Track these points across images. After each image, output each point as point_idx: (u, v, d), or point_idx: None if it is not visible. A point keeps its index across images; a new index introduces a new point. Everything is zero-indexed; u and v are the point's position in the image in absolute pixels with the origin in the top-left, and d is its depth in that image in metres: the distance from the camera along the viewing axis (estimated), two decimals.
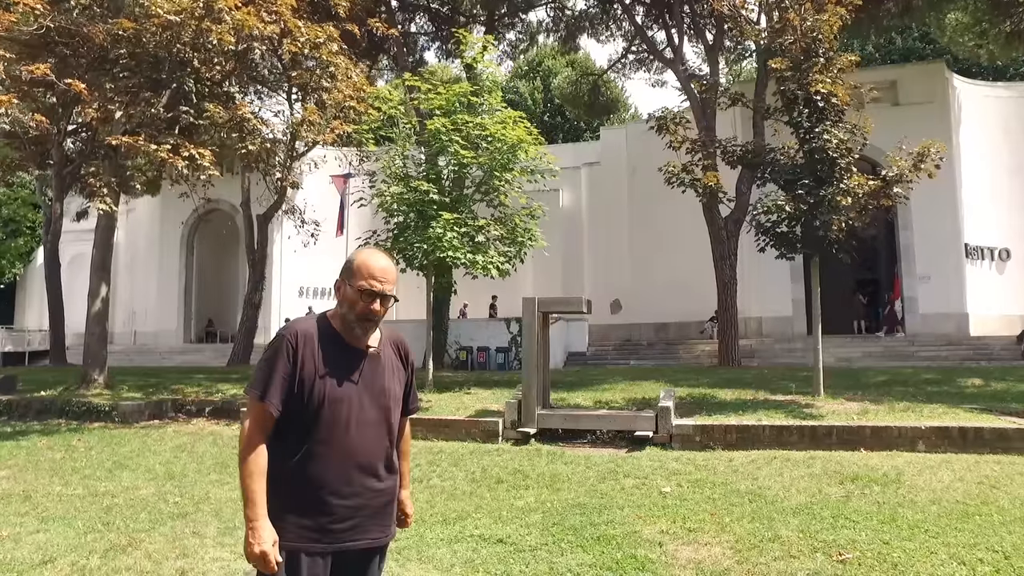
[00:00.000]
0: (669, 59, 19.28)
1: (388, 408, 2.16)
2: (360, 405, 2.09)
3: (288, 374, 2.02)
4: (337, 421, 2.04)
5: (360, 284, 2.08)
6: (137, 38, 9.39)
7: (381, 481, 2.14)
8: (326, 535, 2.03)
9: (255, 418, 2.03)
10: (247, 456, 2.00)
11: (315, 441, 2.03)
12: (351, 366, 2.10)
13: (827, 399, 9.53)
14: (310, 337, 2.07)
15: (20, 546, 4.87)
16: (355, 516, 2.07)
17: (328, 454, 2.04)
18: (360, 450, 2.08)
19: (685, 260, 21.82)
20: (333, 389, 2.05)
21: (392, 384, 2.19)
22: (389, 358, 2.21)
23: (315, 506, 2.02)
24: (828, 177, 9.25)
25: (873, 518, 5.08)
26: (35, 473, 7.41)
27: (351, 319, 2.10)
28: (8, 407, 11.46)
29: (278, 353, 2.05)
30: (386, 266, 2.13)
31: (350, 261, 2.16)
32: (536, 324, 9.37)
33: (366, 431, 2.09)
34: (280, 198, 17.95)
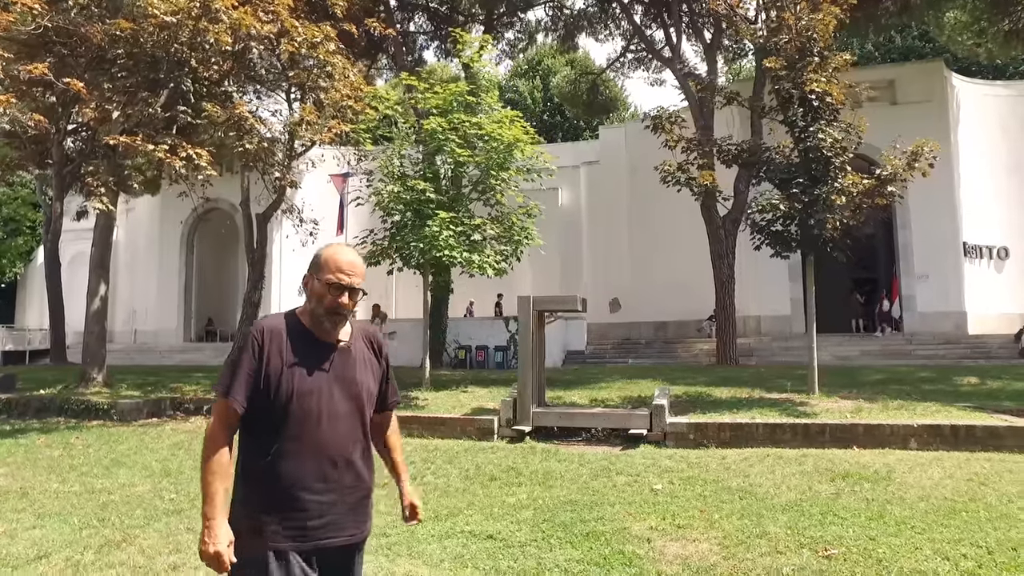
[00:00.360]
0: (667, 58, 19.30)
1: (360, 401, 2.14)
2: (330, 398, 2.07)
3: (253, 370, 2.02)
4: (307, 415, 2.03)
5: (328, 278, 2.08)
6: (135, 38, 9.44)
7: (356, 476, 2.12)
8: (302, 533, 2.00)
9: (219, 416, 2.03)
10: (209, 455, 1.99)
11: (286, 437, 2.01)
12: (320, 360, 2.08)
13: (822, 397, 9.57)
14: (277, 333, 2.07)
15: (16, 541, 4.93)
16: (330, 512, 2.05)
17: (300, 449, 2.01)
18: (332, 444, 2.06)
19: (684, 259, 21.83)
20: (301, 382, 2.03)
21: (364, 377, 2.17)
22: (361, 352, 2.20)
23: (290, 504, 2.00)
24: (823, 176, 9.28)
25: (861, 515, 5.12)
26: (33, 470, 7.47)
27: (320, 313, 2.10)
28: (7, 405, 11.52)
29: (244, 350, 2.05)
30: (353, 260, 2.14)
31: (317, 256, 2.16)
32: (531, 323, 9.41)
33: (338, 424, 2.07)
34: (279, 197, 17.97)
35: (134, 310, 26.70)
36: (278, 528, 1.99)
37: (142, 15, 9.43)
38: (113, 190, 10.89)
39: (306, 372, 2.05)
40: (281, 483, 2.01)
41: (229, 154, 11.44)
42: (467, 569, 4.18)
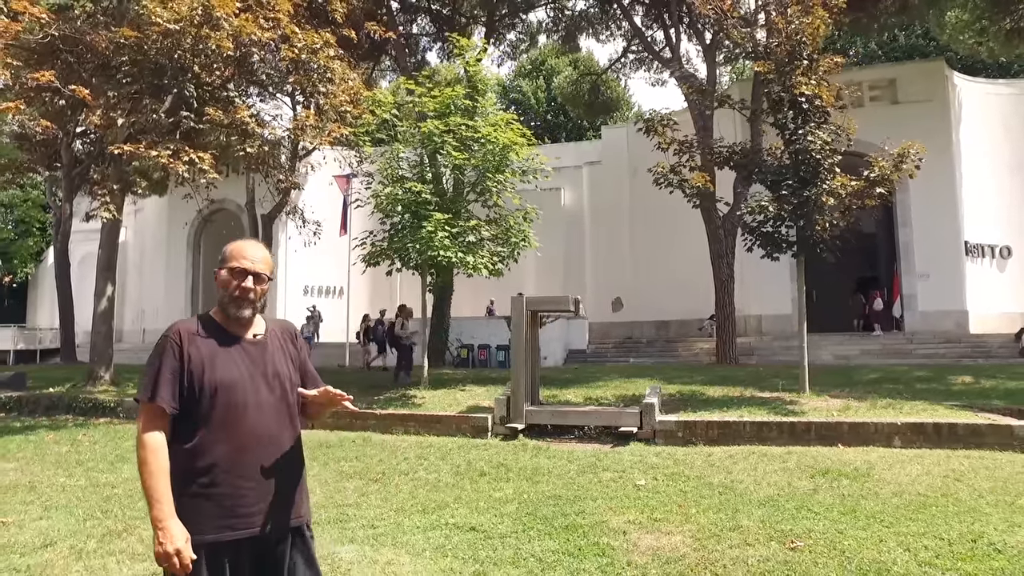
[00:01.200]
0: (667, 59, 19.43)
1: (285, 391, 2.18)
2: (255, 389, 2.12)
3: (176, 371, 2.06)
4: (233, 406, 2.07)
5: (231, 264, 2.16)
6: (139, 45, 9.69)
7: (287, 461, 2.16)
8: (240, 521, 2.04)
9: (148, 419, 2.05)
10: (146, 456, 2.00)
11: (215, 430, 2.05)
12: (239, 354, 2.14)
13: (811, 396, 9.71)
14: (191, 332, 2.13)
15: (24, 531, 5.18)
16: (264, 498, 2.08)
17: (230, 440, 2.05)
18: (262, 432, 2.10)
19: (686, 258, 21.96)
20: (224, 376, 2.08)
21: (285, 368, 2.22)
22: (279, 344, 2.25)
23: (225, 493, 2.04)
24: (812, 178, 9.41)
25: (834, 510, 5.27)
26: (41, 465, 7.73)
27: (227, 301, 2.16)
28: (18, 403, 11.84)
29: (164, 353, 2.08)
30: (255, 248, 2.22)
31: (224, 250, 2.23)
32: (525, 322, 9.60)
33: (265, 414, 2.12)
34: (283, 199, 18.29)
35: (143, 310, 27.08)
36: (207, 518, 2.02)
37: (146, 23, 9.69)
38: (118, 197, 11.16)
39: (228, 366, 2.11)
40: (215, 474, 2.04)
41: (232, 157, 11.68)
42: (447, 558, 4.37)
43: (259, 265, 2.18)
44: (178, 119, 10.38)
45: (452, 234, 10.73)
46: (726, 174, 14.08)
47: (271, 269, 2.25)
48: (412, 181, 11.67)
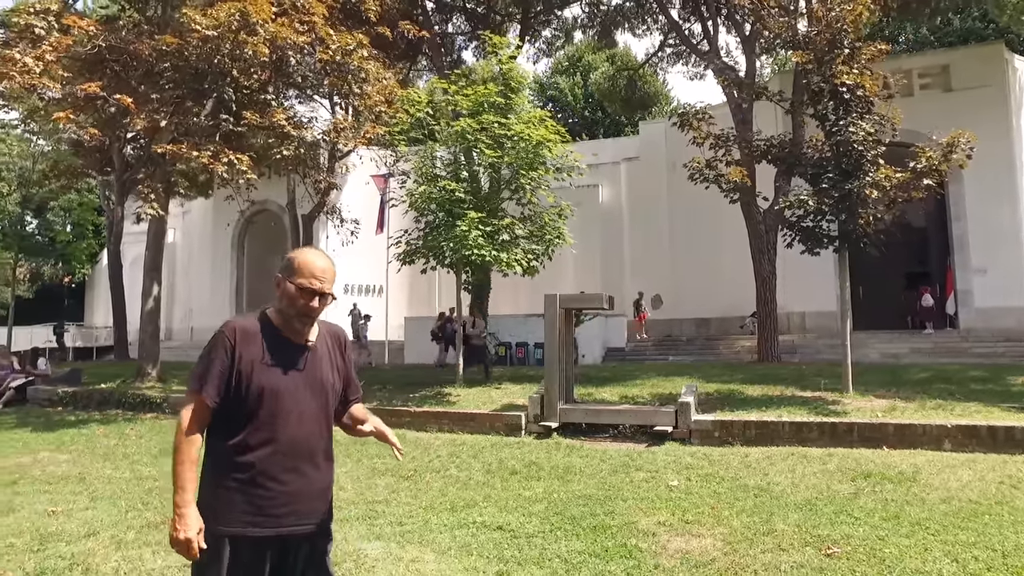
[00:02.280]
0: (704, 52, 19.03)
1: (327, 399, 2.24)
2: (301, 396, 2.16)
3: (226, 368, 2.09)
4: (278, 412, 2.12)
5: (300, 282, 2.15)
6: (180, 52, 9.99)
7: (319, 469, 2.22)
8: (267, 520, 2.09)
9: (192, 410, 2.10)
10: (182, 445, 2.07)
11: (258, 431, 2.10)
12: (290, 359, 2.17)
13: (855, 396, 9.38)
14: (248, 332, 2.15)
15: (71, 520, 5.39)
16: (294, 502, 2.14)
17: (270, 443, 2.11)
18: (301, 439, 2.16)
19: (726, 255, 21.53)
20: (273, 381, 2.12)
21: (330, 376, 2.26)
22: (327, 351, 2.29)
23: (257, 492, 2.09)
24: (855, 170, 9.08)
25: (876, 515, 5.06)
26: (91, 457, 8.05)
27: (291, 314, 2.18)
28: (73, 398, 12.37)
29: (216, 348, 2.12)
30: (326, 266, 2.22)
31: (291, 259, 2.23)
32: (558, 320, 9.53)
33: (306, 421, 2.17)
34: (323, 199, 18.62)
35: (191, 308, 27.96)
36: (237, 512, 2.08)
37: (187, 30, 9.97)
38: (162, 196, 11.54)
39: (278, 371, 2.14)
40: (250, 473, 2.09)
41: (271, 159, 11.94)
42: (472, 557, 4.36)
43: (327, 285, 2.20)
44: (218, 122, 10.67)
45: (486, 232, 10.72)
46: (767, 168, 13.71)
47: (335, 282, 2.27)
48: (446, 180, 11.71)
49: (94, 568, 4.31)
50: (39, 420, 10.93)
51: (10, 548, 4.78)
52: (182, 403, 2.16)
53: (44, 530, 5.15)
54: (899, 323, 20.78)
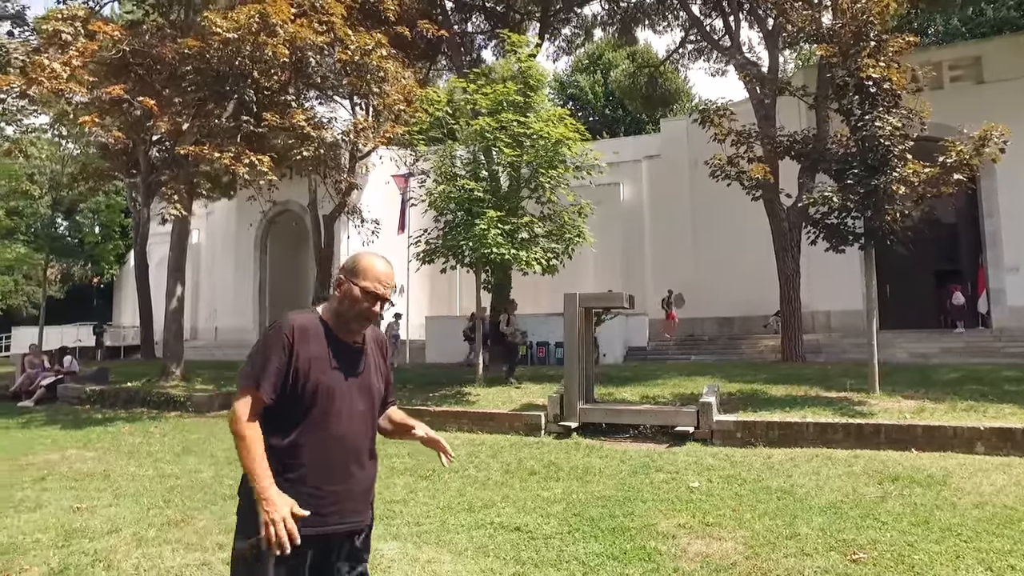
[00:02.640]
0: (726, 47, 18.77)
1: (373, 401, 2.29)
2: (350, 396, 2.19)
3: (283, 364, 2.09)
4: (330, 411, 2.14)
5: (366, 285, 2.19)
6: (202, 55, 10.11)
7: (364, 468, 2.26)
8: (315, 519, 2.10)
9: (247, 404, 2.09)
10: (244, 434, 2.06)
11: (310, 431, 2.11)
12: (343, 360, 2.20)
13: (882, 397, 9.17)
14: (305, 331, 2.15)
15: (95, 517, 5.47)
16: (341, 501, 2.16)
17: (323, 443, 2.13)
18: (349, 438, 2.19)
19: (749, 253, 21.21)
20: (327, 381, 2.14)
21: (375, 379, 2.31)
22: (372, 354, 2.33)
23: (306, 492, 2.10)
24: (881, 166, 8.87)
25: (904, 520, 4.92)
26: (116, 455, 8.17)
27: (350, 316, 2.21)
28: (101, 396, 12.59)
29: (273, 345, 2.12)
30: (390, 272, 2.27)
31: (355, 262, 2.26)
32: (578, 320, 9.46)
33: (355, 421, 2.20)
34: (343, 199, 18.74)
35: (215, 308, 28.34)
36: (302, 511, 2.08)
37: (208, 33, 10.09)
38: (185, 197, 11.70)
39: (333, 371, 2.17)
40: (299, 472, 2.11)
41: (291, 160, 12.03)
42: (488, 558, 4.32)
43: (389, 291, 2.25)
44: (239, 123, 10.78)
45: (505, 231, 10.69)
46: (791, 164, 13.48)
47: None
48: (465, 179, 11.70)
49: (115, 565, 4.35)
50: (68, 418, 11.14)
51: (36, 543, 4.85)
52: (235, 397, 2.14)
53: (69, 526, 5.22)
54: (929, 322, 20.31)
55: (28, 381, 13.66)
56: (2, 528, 5.26)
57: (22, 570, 4.32)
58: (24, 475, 7.19)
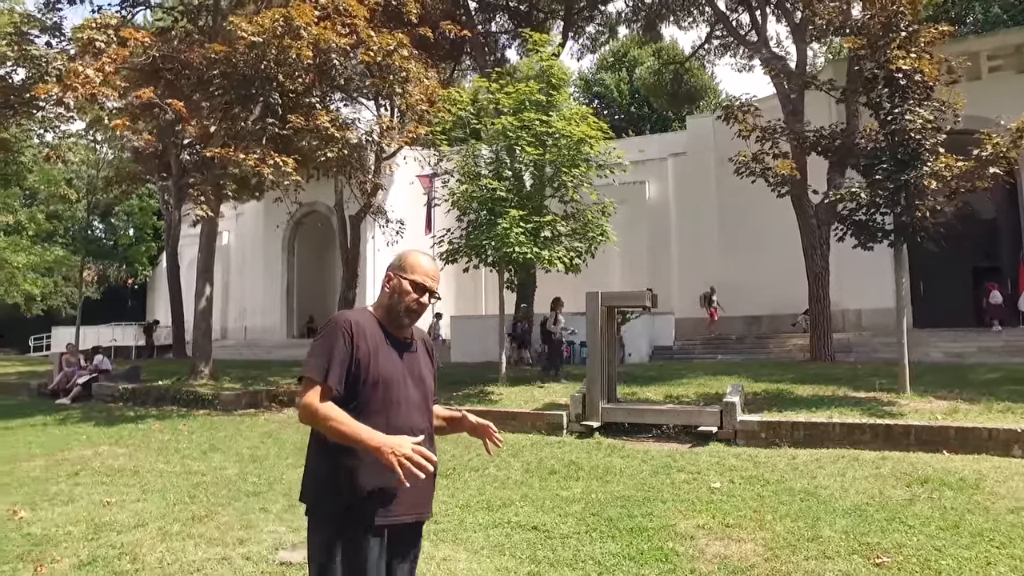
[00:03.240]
0: (753, 42, 18.47)
1: (427, 392, 2.35)
2: (406, 386, 2.25)
3: (346, 358, 2.15)
4: (389, 401, 2.20)
5: (414, 278, 2.28)
6: (228, 59, 10.31)
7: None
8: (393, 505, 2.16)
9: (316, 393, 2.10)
10: (322, 412, 2.07)
11: (370, 419, 2.14)
12: (397, 353, 2.28)
13: (913, 397, 8.94)
14: (360, 325, 2.23)
15: (123, 511, 5.61)
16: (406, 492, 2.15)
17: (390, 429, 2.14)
18: (407, 428, 2.20)
19: (778, 251, 20.85)
20: (384, 371, 2.21)
21: (428, 375, 2.38)
22: (423, 353, 2.42)
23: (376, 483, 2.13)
24: (912, 160, 8.65)
25: (932, 524, 4.79)
26: (145, 452, 8.36)
27: (400, 309, 2.28)
28: (133, 394, 12.91)
29: (336, 339, 2.17)
30: (435, 267, 2.38)
31: (403, 258, 2.34)
32: (600, 319, 9.40)
33: (412, 410, 2.26)
34: (369, 200, 18.93)
35: (244, 308, 28.85)
36: (367, 505, 2.15)
37: (235, 38, 10.28)
38: (211, 198, 11.93)
39: (389, 362, 2.24)
40: (368, 463, 2.12)
41: (315, 161, 12.18)
42: (504, 556, 4.32)
43: (436, 284, 2.33)
44: (264, 125, 10.96)
45: (527, 230, 10.67)
46: (819, 160, 13.23)
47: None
48: (488, 178, 11.71)
49: (140, 558, 4.45)
50: (101, 415, 11.44)
51: (68, 535, 4.99)
52: (301, 393, 2.15)
53: (99, 520, 5.36)
54: (965, 321, 19.73)
55: (65, 379, 14.08)
56: (37, 520, 5.42)
57: (53, 561, 4.45)
58: (59, 470, 7.40)
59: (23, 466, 7.74)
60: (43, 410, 12.33)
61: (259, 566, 4.25)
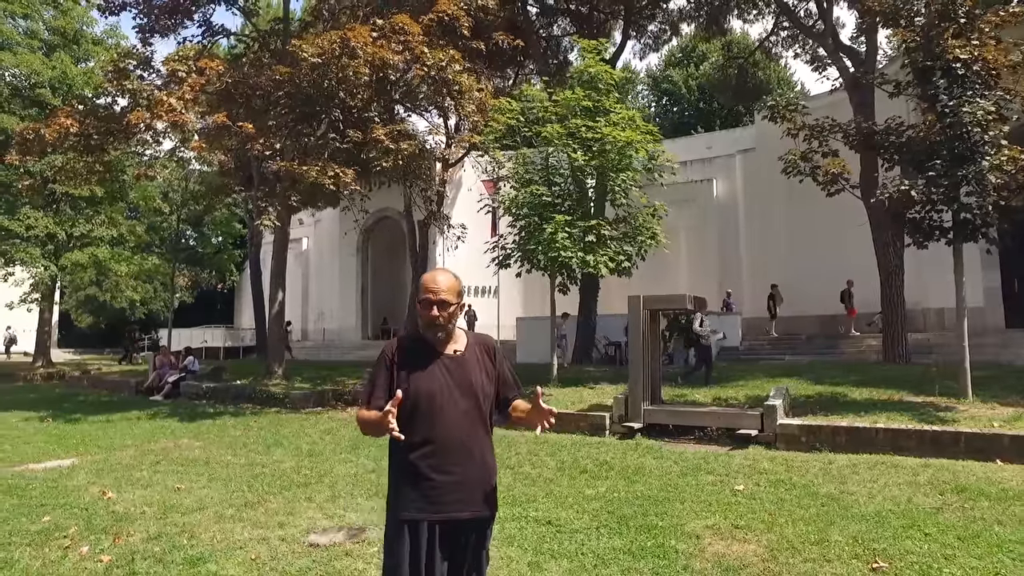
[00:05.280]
0: (819, 33, 17.80)
1: (477, 399, 2.50)
2: (451, 396, 2.45)
3: (387, 379, 2.48)
4: (433, 410, 2.42)
5: (420, 297, 2.51)
6: (292, 80, 11.12)
7: (475, 461, 2.48)
8: (432, 504, 2.41)
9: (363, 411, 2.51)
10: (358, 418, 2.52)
11: (416, 428, 2.41)
12: (440, 366, 2.49)
13: (974, 402, 8.52)
14: (402, 346, 2.54)
15: (189, 496, 6.30)
16: (457, 490, 2.42)
17: (430, 440, 2.42)
18: (454, 433, 2.44)
19: (852, 248, 19.93)
20: (423, 385, 2.44)
21: (480, 379, 2.53)
22: (476, 358, 2.57)
23: (421, 480, 2.41)
24: (972, 154, 8.25)
25: (951, 533, 4.69)
26: (218, 446, 9.18)
27: (424, 326, 2.52)
28: (214, 392, 14.06)
29: (379, 365, 2.53)
30: (437, 278, 2.52)
31: (420, 281, 2.59)
32: (642, 322, 9.50)
33: (459, 418, 2.45)
34: (436, 207, 19.62)
35: (321, 311, 30.37)
36: (411, 501, 2.43)
37: (298, 59, 11.07)
38: (278, 209, 12.84)
39: (427, 376, 2.47)
40: (416, 463, 2.43)
41: (373, 171, 12.86)
42: (511, 548, 4.60)
43: (443, 294, 2.48)
44: (327, 141, 11.72)
45: (572, 235, 10.88)
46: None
47: (456, 292, 2.53)
48: (536, 184, 12.00)
49: (197, 536, 5.05)
50: (185, 411, 12.56)
51: (142, 515, 5.70)
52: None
53: (168, 502, 6.06)
54: None
55: (158, 378, 15.47)
56: (121, 501, 6.20)
57: (128, 535, 5.12)
58: (144, 459, 8.29)
59: (116, 455, 8.72)
60: (139, 406, 13.65)
61: (291, 546, 4.74)
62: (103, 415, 12.44)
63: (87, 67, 23.43)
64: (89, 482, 7.04)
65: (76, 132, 12.13)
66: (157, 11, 14.19)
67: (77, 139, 12.40)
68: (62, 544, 4.96)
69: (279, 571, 4.31)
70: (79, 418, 12.21)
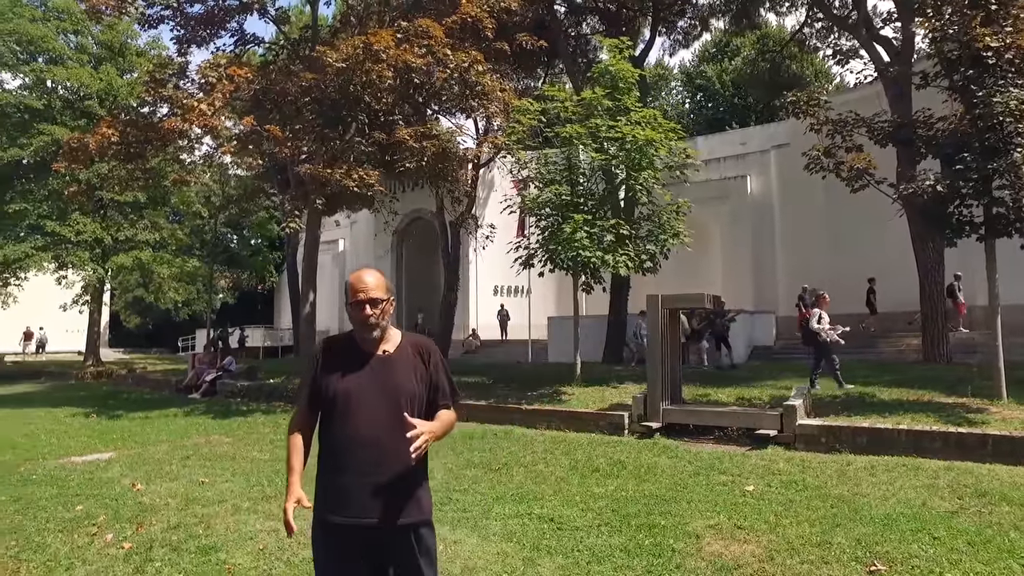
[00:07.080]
0: (852, 23, 17.31)
1: (398, 402, 2.38)
2: (369, 397, 2.37)
3: (314, 379, 2.47)
4: (349, 411, 2.36)
5: (350, 300, 2.44)
6: (318, 86, 11.40)
7: (391, 465, 2.33)
8: (345, 508, 2.32)
9: (294, 413, 2.56)
10: (288, 438, 2.53)
11: (334, 429, 2.39)
12: (365, 367, 2.43)
13: (1008, 404, 8.22)
14: (329, 348, 2.53)
15: (211, 489, 6.56)
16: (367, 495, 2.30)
17: (344, 438, 2.36)
18: (369, 436, 2.34)
19: (891, 244, 19.36)
20: (344, 385, 2.39)
21: (407, 382, 2.44)
22: (407, 360, 2.48)
23: (335, 483, 2.36)
24: (1005, 146, 7.97)
25: (962, 538, 4.57)
26: (246, 442, 9.49)
27: (357, 328, 2.46)
28: (247, 391, 14.48)
29: (308, 367, 2.55)
30: (363, 277, 2.46)
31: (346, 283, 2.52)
32: (661, 320, 9.44)
33: (377, 419, 2.35)
34: (469, 206, 19.79)
35: None
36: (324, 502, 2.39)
37: (324, 65, 11.35)
38: (303, 212, 13.18)
39: (350, 377, 2.42)
40: (332, 464, 2.39)
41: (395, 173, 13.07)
42: (511, 543, 4.67)
43: (372, 292, 2.41)
44: (352, 143, 11.98)
45: (591, 234, 10.87)
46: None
47: (385, 288, 2.47)
48: (558, 184, 12.01)
49: (213, 526, 5.27)
50: (219, 409, 12.99)
51: (166, 506, 5.97)
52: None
53: (191, 495, 6.33)
54: None
55: (196, 377, 16.03)
56: (148, 492, 6.50)
57: (150, 524, 5.39)
58: (176, 454, 8.64)
59: (151, 449, 9.11)
60: (177, 403, 14.17)
61: (298, 538, 4.84)
62: (143, 412, 12.98)
63: (131, 78, 24.40)
64: (122, 474, 7.39)
65: (117, 141, 12.69)
66: (193, 23, 14.72)
67: (119, 147, 12.97)
68: (90, 531, 5.25)
69: (284, 561, 4.47)
70: (121, 414, 12.76)
